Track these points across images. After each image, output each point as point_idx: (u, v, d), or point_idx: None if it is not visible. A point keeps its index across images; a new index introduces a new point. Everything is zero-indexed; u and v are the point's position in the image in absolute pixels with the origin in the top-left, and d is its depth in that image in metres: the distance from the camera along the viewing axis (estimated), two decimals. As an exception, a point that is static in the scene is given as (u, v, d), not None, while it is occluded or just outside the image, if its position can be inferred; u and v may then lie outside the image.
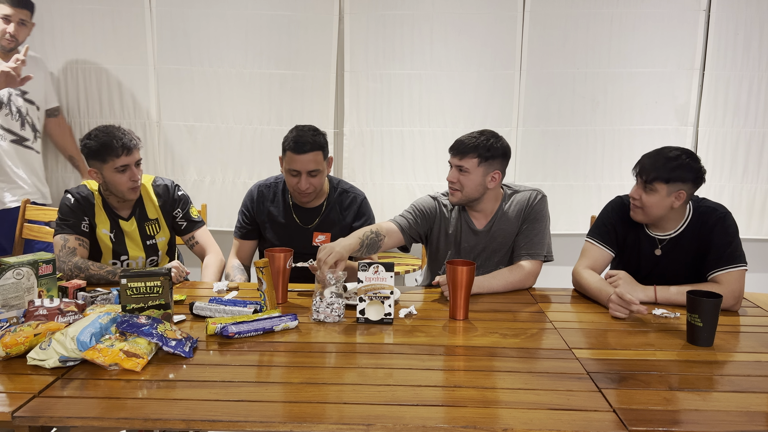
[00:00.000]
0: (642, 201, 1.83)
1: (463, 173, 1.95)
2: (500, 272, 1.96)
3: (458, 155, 1.95)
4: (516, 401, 1.18)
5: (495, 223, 2.04)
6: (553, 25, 3.05)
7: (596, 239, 1.98)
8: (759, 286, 3.14)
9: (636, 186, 1.85)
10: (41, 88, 2.84)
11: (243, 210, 2.25)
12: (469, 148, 1.93)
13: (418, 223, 2.06)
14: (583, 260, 1.96)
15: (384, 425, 1.08)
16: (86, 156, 2.02)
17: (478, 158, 1.93)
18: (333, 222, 2.20)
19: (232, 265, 2.21)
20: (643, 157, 1.86)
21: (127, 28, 3.06)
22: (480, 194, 1.99)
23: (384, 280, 1.63)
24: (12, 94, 2.71)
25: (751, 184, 3.15)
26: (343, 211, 2.21)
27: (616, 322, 1.67)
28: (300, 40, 3.09)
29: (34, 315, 1.44)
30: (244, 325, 1.50)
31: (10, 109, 2.70)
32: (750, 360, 1.41)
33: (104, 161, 1.98)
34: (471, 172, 1.94)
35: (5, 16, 2.62)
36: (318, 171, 2.06)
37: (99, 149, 1.98)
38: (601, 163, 3.17)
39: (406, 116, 3.15)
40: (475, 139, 1.95)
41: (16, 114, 2.72)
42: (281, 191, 2.23)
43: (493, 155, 1.95)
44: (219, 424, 1.09)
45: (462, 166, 1.94)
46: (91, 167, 2.03)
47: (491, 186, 1.98)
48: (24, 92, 2.75)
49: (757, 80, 3.06)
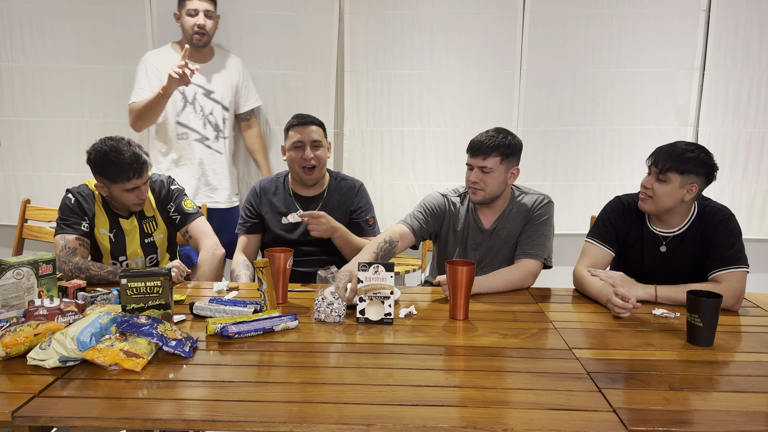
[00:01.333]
0: (654, 190, 1.83)
1: (487, 173, 1.98)
2: (500, 272, 1.97)
3: (481, 155, 1.98)
4: (516, 401, 1.18)
5: (501, 222, 2.07)
6: (553, 25, 3.05)
7: (596, 239, 1.98)
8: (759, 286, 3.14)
9: (648, 176, 1.86)
10: (228, 89, 2.81)
11: (246, 205, 2.31)
12: (491, 148, 1.97)
13: (429, 222, 2.11)
14: (584, 260, 1.97)
15: (384, 425, 1.08)
16: (93, 171, 1.98)
17: (500, 156, 1.98)
18: (333, 208, 2.23)
19: (238, 261, 2.24)
20: (659, 149, 1.87)
21: (127, 28, 3.06)
22: (502, 191, 2.04)
23: (384, 280, 1.63)
24: (197, 93, 2.71)
25: (751, 184, 3.15)
26: (343, 197, 2.26)
27: (616, 322, 1.67)
28: (300, 40, 3.09)
29: (34, 315, 1.44)
30: (244, 325, 1.50)
31: (194, 107, 2.71)
32: (750, 360, 1.41)
33: (113, 182, 1.97)
34: (495, 170, 1.98)
35: (191, 12, 2.62)
36: (320, 143, 2.18)
37: (108, 170, 1.94)
38: (601, 163, 3.17)
39: (406, 116, 3.15)
40: (494, 138, 1.98)
41: (200, 113, 2.72)
42: (282, 183, 2.30)
43: (513, 152, 2.00)
44: (219, 424, 1.09)
45: (485, 167, 1.98)
46: (99, 182, 2.01)
47: (510, 182, 2.04)
48: (209, 91, 2.74)
49: (757, 80, 3.06)
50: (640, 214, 1.96)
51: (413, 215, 2.11)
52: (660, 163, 1.82)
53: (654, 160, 1.85)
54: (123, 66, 3.09)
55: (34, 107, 3.14)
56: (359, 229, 2.24)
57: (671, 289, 1.80)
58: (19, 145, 3.18)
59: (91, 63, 3.10)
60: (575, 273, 1.96)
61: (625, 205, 1.98)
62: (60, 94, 3.12)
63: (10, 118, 3.14)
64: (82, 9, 3.05)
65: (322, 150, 2.20)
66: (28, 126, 3.15)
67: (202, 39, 2.67)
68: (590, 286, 1.86)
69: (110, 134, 2.01)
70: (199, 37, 2.66)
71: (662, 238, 1.91)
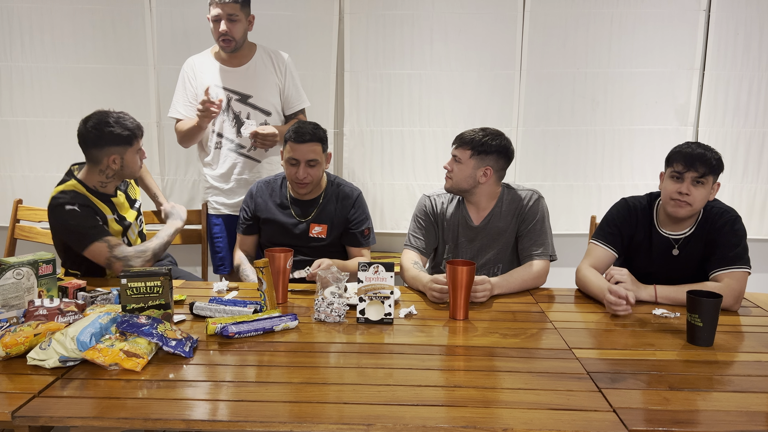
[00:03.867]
0: (693, 196, 1.81)
1: (456, 162, 2.06)
2: (515, 272, 1.99)
3: (455, 144, 2.09)
4: (516, 401, 1.18)
5: (491, 220, 2.09)
6: (553, 25, 3.05)
7: (600, 240, 1.99)
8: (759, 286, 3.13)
9: (679, 183, 1.81)
10: (270, 92, 2.60)
11: (243, 206, 2.33)
12: (466, 141, 2.05)
13: (430, 232, 2.15)
14: (587, 259, 1.98)
15: (384, 425, 1.08)
16: (109, 143, 1.97)
17: (471, 151, 2.03)
18: (329, 214, 2.24)
19: (240, 256, 2.29)
20: (686, 154, 1.80)
21: (127, 28, 3.06)
22: (470, 186, 2.05)
23: (384, 280, 1.63)
24: (231, 99, 2.54)
25: (751, 184, 3.15)
26: (339, 205, 2.26)
27: (616, 322, 1.67)
28: (300, 40, 3.09)
29: (34, 315, 1.44)
30: (244, 325, 1.50)
31: (228, 115, 2.55)
32: (750, 360, 1.41)
33: (130, 144, 2.02)
34: (462, 162, 2.04)
35: (214, 18, 2.44)
36: (316, 161, 2.14)
37: (128, 134, 2.00)
38: (601, 163, 3.17)
39: (406, 116, 3.15)
40: (474, 133, 2.06)
41: (233, 120, 2.56)
42: (279, 186, 2.30)
43: (486, 151, 2.03)
44: (219, 424, 1.09)
45: (456, 156, 2.06)
46: (113, 154, 2.00)
47: (482, 181, 2.05)
48: (246, 96, 2.55)
49: (757, 80, 3.06)
50: (646, 216, 1.96)
51: (413, 236, 2.15)
52: (697, 169, 1.78)
53: (688, 166, 1.79)
54: (123, 66, 3.09)
55: (33, 107, 3.13)
56: (355, 240, 2.26)
57: (671, 290, 1.80)
58: (16, 145, 3.17)
59: (90, 63, 3.09)
60: (578, 272, 1.96)
61: (632, 207, 1.98)
62: (59, 94, 3.12)
63: (8, 118, 3.14)
64: (82, 9, 3.04)
65: (318, 168, 2.15)
66: (26, 126, 3.15)
67: (229, 45, 2.48)
68: (592, 284, 1.86)
69: None
70: (225, 44, 2.48)
71: (674, 242, 1.91)
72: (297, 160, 2.12)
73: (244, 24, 2.50)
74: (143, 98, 3.12)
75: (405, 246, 2.16)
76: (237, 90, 2.56)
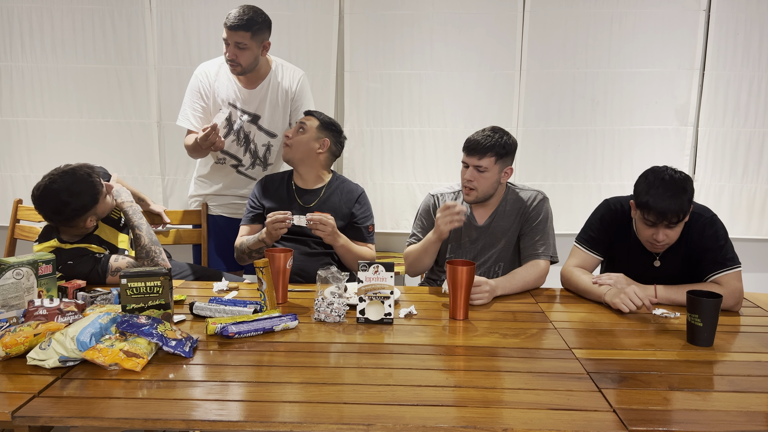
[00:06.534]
0: (670, 238, 1.78)
1: (482, 172, 1.98)
2: (517, 272, 1.98)
3: (476, 155, 1.98)
4: (516, 401, 1.18)
5: (495, 219, 2.08)
6: (553, 25, 3.05)
7: (583, 245, 2.00)
8: (759, 286, 3.14)
9: (654, 229, 1.76)
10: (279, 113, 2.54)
11: (251, 198, 2.36)
12: (487, 147, 1.97)
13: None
14: (572, 260, 2.00)
15: (384, 425, 1.08)
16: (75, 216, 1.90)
17: (495, 156, 1.97)
18: (333, 205, 2.26)
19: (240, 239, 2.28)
20: (657, 201, 1.71)
21: (127, 28, 3.06)
22: (494, 190, 2.04)
23: (384, 280, 1.63)
24: (240, 117, 2.50)
25: (751, 184, 3.15)
26: (343, 198, 2.28)
27: (616, 322, 1.67)
28: (300, 40, 3.09)
29: (33, 315, 1.44)
30: (244, 325, 1.50)
31: (238, 135, 2.52)
32: (750, 360, 1.41)
33: (97, 201, 1.94)
34: (489, 170, 1.98)
35: (224, 40, 2.37)
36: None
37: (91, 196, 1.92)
38: (601, 163, 3.17)
39: (406, 116, 3.15)
40: (490, 138, 1.98)
41: (242, 139, 2.53)
42: (286, 179, 2.35)
43: (508, 152, 2.00)
44: (219, 424, 1.09)
45: (480, 166, 1.98)
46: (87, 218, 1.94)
47: (503, 181, 2.05)
48: (255, 116, 2.51)
49: (757, 80, 3.06)
50: (627, 219, 1.93)
51: (417, 235, 2.14)
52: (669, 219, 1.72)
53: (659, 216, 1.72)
54: (123, 66, 3.09)
55: (33, 107, 3.13)
56: (360, 235, 2.27)
57: (671, 290, 1.80)
58: (16, 145, 3.17)
59: (90, 63, 3.10)
60: (563, 272, 1.98)
61: (613, 209, 1.97)
62: (59, 94, 3.12)
63: (8, 118, 3.14)
64: (82, 9, 3.05)
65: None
66: (27, 126, 3.15)
67: (235, 69, 2.41)
68: (579, 281, 1.88)
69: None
70: (232, 67, 2.41)
71: (655, 255, 1.90)
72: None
73: (254, 52, 2.38)
74: (143, 98, 3.12)
75: (408, 245, 2.15)
76: (247, 110, 2.52)
